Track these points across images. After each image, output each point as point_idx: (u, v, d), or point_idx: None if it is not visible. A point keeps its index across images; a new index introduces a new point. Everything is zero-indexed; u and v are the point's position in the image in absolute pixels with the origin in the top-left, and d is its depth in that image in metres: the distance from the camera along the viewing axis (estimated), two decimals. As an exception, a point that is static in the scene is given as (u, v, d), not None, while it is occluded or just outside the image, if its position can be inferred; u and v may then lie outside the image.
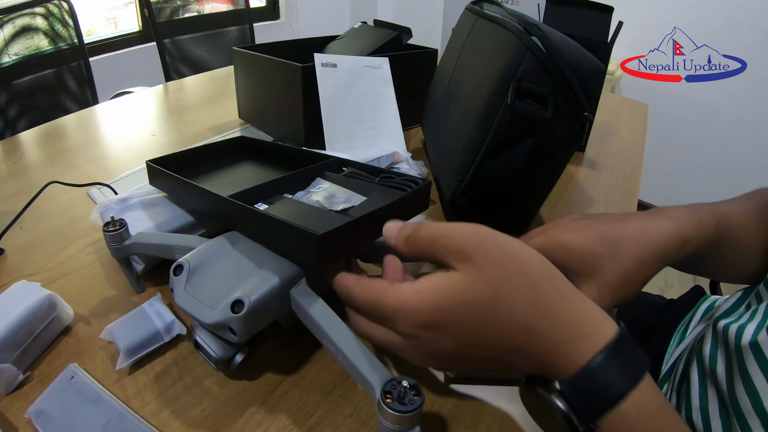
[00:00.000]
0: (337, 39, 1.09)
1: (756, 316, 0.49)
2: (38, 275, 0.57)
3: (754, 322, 0.47)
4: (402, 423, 0.32)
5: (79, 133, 1.02)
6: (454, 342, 0.34)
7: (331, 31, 1.18)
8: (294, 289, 0.42)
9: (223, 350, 0.40)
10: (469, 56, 0.72)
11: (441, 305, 0.33)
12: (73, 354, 0.47)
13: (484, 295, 0.33)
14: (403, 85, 0.89)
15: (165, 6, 1.84)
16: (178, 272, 0.42)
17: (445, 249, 0.35)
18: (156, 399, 0.43)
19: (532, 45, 0.56)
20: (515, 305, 0.33)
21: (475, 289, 0.33)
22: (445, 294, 0.33)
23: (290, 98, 0.83)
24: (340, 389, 0.45)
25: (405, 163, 0.71)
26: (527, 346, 0.33)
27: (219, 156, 0.70)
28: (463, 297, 0.33)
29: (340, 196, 0.53)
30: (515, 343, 0.33)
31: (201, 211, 0.58)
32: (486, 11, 0.72)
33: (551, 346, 0.32)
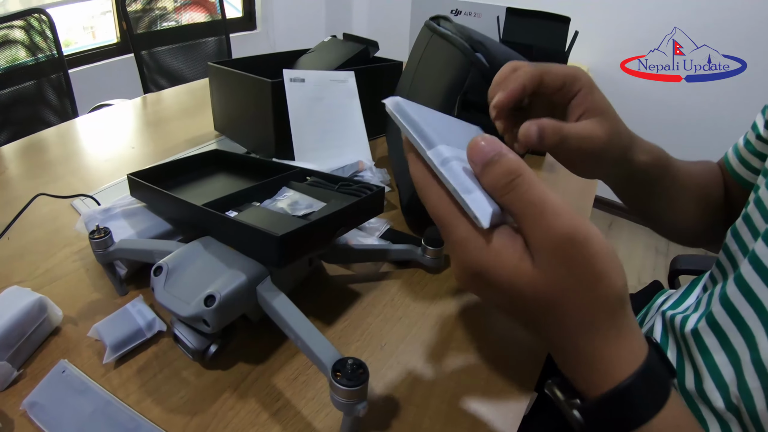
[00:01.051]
0: (308, 53, 1.15)
1: (699, 307, 0.55)
2: (27, 282, 0.61)
3: (698, 312, 0.54)
4: (350, 396, 0.38)
5: (60, 146, 1.06)
6: (501, 299, 0.34)
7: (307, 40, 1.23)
8: (260, 286, 0.47)
9: (199, 342, 0.46)
10: (423, 70, 0.78)
11: (504, 277, 0.32)
12: (63, 352, 0.51)
13: (549, 293, 0.31)
14: (370, 96, 0.94)
15: (143, 15, 1.87)
16: (158, 273, 0.48)
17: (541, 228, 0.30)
18: (139, 389, 0.48)
19: (476, 61, 0.62)
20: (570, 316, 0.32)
21: (544, 287, 0.31)
22: (514, 273, 0.31)
23: (261, 112, 0.88)
24: (303, 376, 0.50)
25: (368, 171, 0.77)
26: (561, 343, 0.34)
27: (195, 168, 0.75)
28: (531, 287, 0.31)
29: (302, 203, 0.59)
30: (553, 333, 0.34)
31: (178, 219, 0.63)
32: (440, 28, 0.78)
33: (586, 363, 0.33)
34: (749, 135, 0.62)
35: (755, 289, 0.44)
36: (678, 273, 1.03)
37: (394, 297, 0.61)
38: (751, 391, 0.41)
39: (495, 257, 0.31)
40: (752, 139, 0.62)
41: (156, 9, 1.92)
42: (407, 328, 0.57)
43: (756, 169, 0.61)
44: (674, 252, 2.66)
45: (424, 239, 0.63)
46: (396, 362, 0.52)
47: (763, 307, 0.42)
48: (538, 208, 0.30)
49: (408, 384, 0.50)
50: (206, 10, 2.10)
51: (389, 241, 0.69)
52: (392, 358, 0.52)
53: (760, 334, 0.42)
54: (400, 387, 0.49)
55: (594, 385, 0.32)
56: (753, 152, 0.61)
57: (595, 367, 0.32)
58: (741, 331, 0.45)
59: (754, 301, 0.43)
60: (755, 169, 0.61)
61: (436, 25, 0.81)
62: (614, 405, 0.32)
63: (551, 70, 0.46)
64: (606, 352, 0.32)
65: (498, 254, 0.31)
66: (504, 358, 0.53)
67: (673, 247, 2.73)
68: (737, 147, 0.64)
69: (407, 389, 0.49)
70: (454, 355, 0.54)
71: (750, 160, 0.62)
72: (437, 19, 0.86)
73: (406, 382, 0.50)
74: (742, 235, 0.52)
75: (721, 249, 0.56)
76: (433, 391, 0.49)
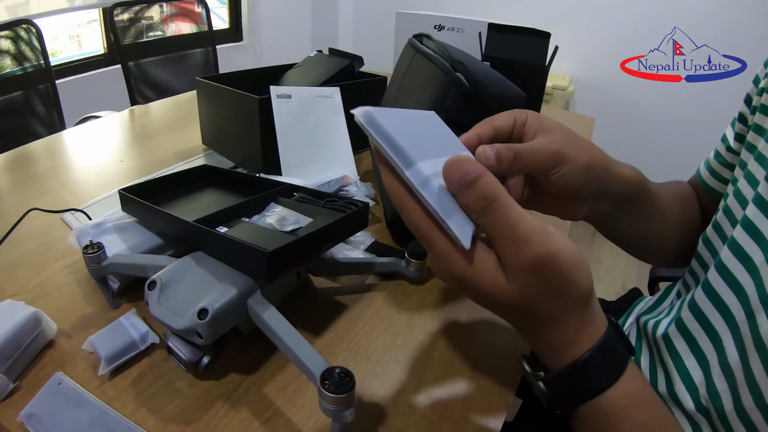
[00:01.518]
0: (294, 67, 1.17)
1: (671, 312, 0.57)
2: (20, 295, 0.61)
3: (669, 317, 0.56)
4: (338, 403, 0.40)
5: (49, 159, 1.07)
6: (476, 299, 0.38)
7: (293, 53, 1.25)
8: (250, 299, 0.49)
9: (192, 353, 0.48)
10: (407, 88, 0.81)
11: (481, 288, 0.35)
12: (57, 364, 0.53)
13: (520, 307, 0.36)
14: (355, 111, 0.97)
15: (130, 26, 1.88)
16: (152, 287, 0.50)
17: (507, 243, 0.34)
18: (134, 400, 0.49)
19: (456, 81, 0.65)
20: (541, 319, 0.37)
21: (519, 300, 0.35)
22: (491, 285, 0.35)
23: (249, 127, 0.90)
24: (293, 386, 0.52)
25: (353, 186, 0.79)
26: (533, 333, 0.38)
27: (185, 183, 0.77)
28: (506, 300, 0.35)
29: (290, 219, 0.61)
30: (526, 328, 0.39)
31: (169, 234, 0.65)
32: (422, 47, 0.81)
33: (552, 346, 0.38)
34: (719, 147, 0.64)
35: (722, 294, 0.46)
36: (657, 280, 1.06)
37: (380, 308, 0.64)
38: (719, 393, 0.43)
39: (473, 271, 0.35)
40: (722, 151, 0.63)
41: (143, 19, 1.93)
42: (392, 337, 0.59)
43: (726, 180, 0.62)
44: (654, 258, 2.72)
45: (408, 252, 0.65)
46: (382, 371, 0.54)
47: (729, 312, 0.44)
48: (511, 232, 0.33)
49: (394, 391, 0.52)
50: (193, 20, 2.11)
51: (374, 253, 0.71)
52: (378, 367, 0.55)
53: (727, 338, 0.44)
54: (386, 394, 0.52)
55: (558, 360, 0.37)
56: (723, 164, 0.63)
57: (560, 348, 0.37)
58: (709, 336, 0.47)
59: (721, 306, 0.45)
60: (725, 179, 0.62)
61: (419, 43, 0.84)
62: (573, 375, 0.37)
63: (497, 116, 0.48)
64: (571, 335, 0.37)
65: (476, 269, 0.35)
66: (485, 365, 0.56)
67: (653, 254, 2.77)
68: (708, 161, 0.66)
69: (393, 396, 0.51)
70: (438, 364, 0.56)
71: (721, 172, 0.63)
72: (420, 37, 0.89)
73: (391, 389, 0.52)
74: (713, 242, 0.54)
75: (694, 256, 0.58)
76: (418, 398, 0.52)
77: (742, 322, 0.43)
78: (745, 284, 0.43)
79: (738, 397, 0.41)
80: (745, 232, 0.45)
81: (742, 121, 0.60)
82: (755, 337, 0.41)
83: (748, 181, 0.50)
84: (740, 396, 0.41)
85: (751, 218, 0.45)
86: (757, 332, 0.40)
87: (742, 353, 0.42)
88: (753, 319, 0.41)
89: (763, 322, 0.40)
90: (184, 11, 2.07)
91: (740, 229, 0.46)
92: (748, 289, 0.43)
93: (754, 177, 0.49)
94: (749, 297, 0.42)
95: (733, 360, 0.43)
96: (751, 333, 0.41)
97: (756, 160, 0.50)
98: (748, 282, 0.43)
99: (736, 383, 0.42)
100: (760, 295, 0.41)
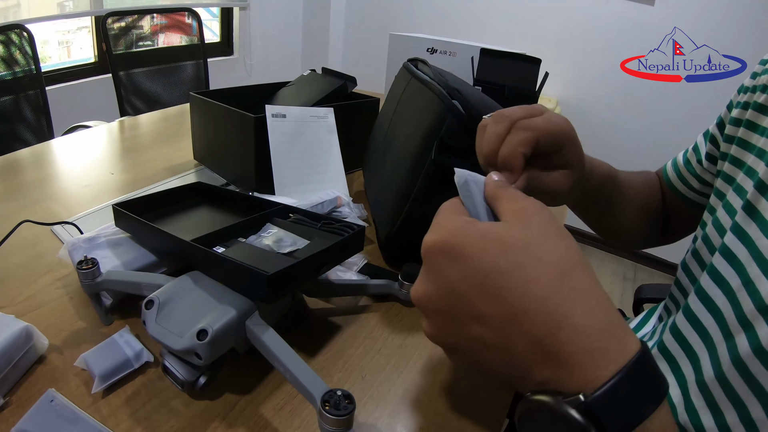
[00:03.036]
0: (287, 86, 1.18)
1: (654, 336, 0.60)
2: (8, 308, 0.61)
3: (652, 341, 0.58)
4: (339, 425, 0.41)
5: (38, 168, 1.06)
6: (461, 276, 0.33)
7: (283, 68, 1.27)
8: (249, 320, 0.50)
9: (189, 373, 0.48)
10: (402, 112, 0.82)
11: (472, 236, 0.33)
12: (49, 381, 0.52)
13: (519, 240, 0.32)
14: (348, 131, 0.98)
15: (121, 35, 1.88)
16: (149, 306, 0.50)
17: (508, 203, 0.37)
18: (129, 418, 0.49)
19: (452, 108, 0.67)
20: (546, 264, 0.31)
21: (512, 234, 0.33)
22: (481, 228, 0.34)
23: (243, 145, 0.91)
24: (289, 406, 0.52)
25: (346, 207, 0.80)
26: (543, 321, 0.30)
27: (179, 199, 0.77)
28: (497, 234, 0.33)
29: (286, 240, 0.62)
30: (529, 313, 0.30)
31: (164, 252, 0.65)
32: (418, 72, 0.83)
33: (572, 335, 0.29)
34: (689, 155, 0.70)
35: (700, 317, 0.48)
36: (642, 301, 1.09)
37: (373, 330, 0.64)
38: (697, 410, 0.46)
39: (476, 222, 0.36)
40: (692, 160, 0.69)
41: (135, 29, 1.93)
42: (386, 359, 0.60)
43: (693, 188, 0.69)
44: (641, 278, 2.77)
45: (402, 275, 0.66)
46: (377, 392, 0.55)
47: (707, 333, 0.47)
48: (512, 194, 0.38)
49: (389, 412, 0.53)
50: (184, 32, 2.12)
51: (367, 275, 0.72)
52: (373, 389, 0.55)
53: (704, 357, 0.46)
54: (382, 416, 0.52)
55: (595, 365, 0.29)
56: (693, 173, 0.69)
57: (590, 333, 0.29)
58: (688, 356, 0.49)
59: (700, 328, 0.48)
60: (692, 187, 0.69)
61: (414, 68, 0.86)
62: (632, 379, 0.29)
63: (545, 131, 0.46)
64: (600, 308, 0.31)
65: (473, 223, 0.35)
66: (478, 385, 0.57)
67: (639, 274, 2.83)
68: (677, 163, 0.73)
69: (388, 417, 0.52)
70: (431, 384, 0.57)
71: (689, 179, 0.70)
72: (415, 62, 0.91)
73: (386, 410, 0.53)
74: (691, 268, 0.57)
75: (673, 282, 0.61)
76: (413, 418, 0.52)
77: (720, 343, 0.45)
78: (722, 306, 0.46)
79: (720, 413, 0.43)
80: (723, 258, 0.48)
81: (713, 141, 0.65)
82: (733, 356, 0.43)
83: (726, 210, 0.53)
84: (723, 412, 0.43)
85: (728, 245, 0.48)
86: (736, 351, 0.42)
87: (717, 371, 0.44)
88: (731, 339, 0.44)
89: (742, 342, 0.42)
90: (175, 23, 2.08)
91: (718, 256, 0.49)
92: (725, 311, 0.45)
93: (732, 206, 0.52)
94: (726, 319, 0.45)
95: (708, 378, 0.45)
96: (729, 352, 0.43)
97: (734, 191, 0.52)
98: (725, 304, 0.46)
99: (714, 400, 0.44)
100: (737, 317, 0.44)
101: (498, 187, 0.39)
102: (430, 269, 0.35)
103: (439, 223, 0.36)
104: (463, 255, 0.33)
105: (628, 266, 2.89)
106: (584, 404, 0.27)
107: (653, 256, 2.86)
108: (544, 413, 0.30)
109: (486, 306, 0.32)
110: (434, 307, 0.35)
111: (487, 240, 0.33)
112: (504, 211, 0.37)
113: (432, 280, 0.35)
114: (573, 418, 0.27)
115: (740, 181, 0.52)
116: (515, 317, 0.31)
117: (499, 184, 0.40)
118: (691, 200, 0.70)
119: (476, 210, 0.40)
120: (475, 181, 0.41)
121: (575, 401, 0.28)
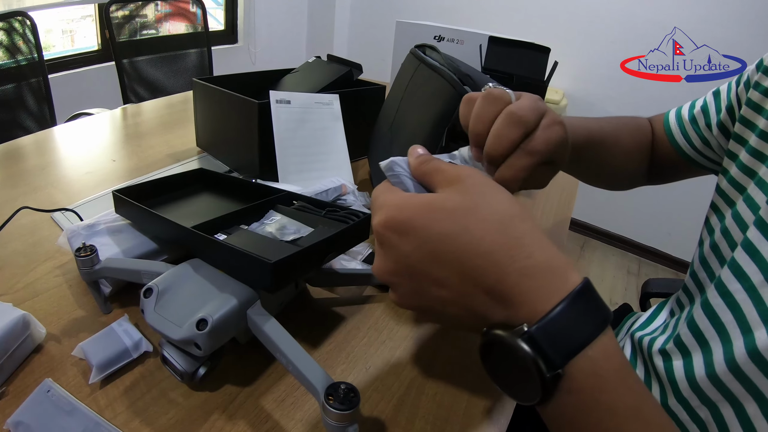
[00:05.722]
0: (292, 72, 1.16)
1: (667, 330, 0.59)
2: (6, 296, 0.60)
3: (665, 335, 0.58)
4: (343, 419, 0.39)
5: (39, 155, 1.05)
6: (414, 248, 0.36)
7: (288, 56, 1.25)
8: (250, 310, 0.48)
9: (188, 364, 0.47)
10: (410, 99, 0.80)
11: (417, 208, 0.36)
12: (46, 370, 0.51)
13: (460, 205, 0.35)
14: (353, 119, 0.96)
15: (124, 23, 1.86)
16: (148, 295, 0.48)
17: (441, 175, 0.39)
18: (127, 410, 0.48)
19: (464, 94, 0.65)
20: (489, 222, 0.34)
21: (453, 200, 0.36)
22: (424, 201, 0.36)
23: (246, 132, 0.89)
24: (291, 398, 0.51)
25: (351, 195, 0.78)
26: (492, 271, 0.34)
27: (180, 186, 0.76)
28: (441, 204, 0.36)
29: (290, 228, 0.60)
30: (479, 268, 0.34)
31: (165, 239, 0.64)
32: (427, 57, 0.80)
33: (517, 277, 0.33)
34: (697, 114, 0.70)
35: (719, 312, 0.48)
36: (649, 296, 1.07)
37: (378, 320, 0.63)
38: (714, 402, 0.46)
39: (416, 195, 0.38)
40: (700, 121, 0.69)
41: (138, 17, 1.91)
42: (391, 351, 0.58)
43: (694, 146, 0.70)
44: (645, 272, 2.75)
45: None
46: (381, 384, 0.54)
47: (724, 329, 0.46)
48: (442, 166, 0.40)
49: (393, 406, 0.51)
50: (188, 20, 2.10)
51: (372, 264, 0.70)
52: (377, 381, 0.54)
53: (718, 351, 0.46)
54: (386, 409, 0.51)
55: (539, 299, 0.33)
56: (698, 133, 0.69)
57: (532, 273, 0.33)
58: (702, 350, 0.49)
59: (717, 323, 0.47)
60: (694, 145, 0.70)
61: (423, 54, 0.84)
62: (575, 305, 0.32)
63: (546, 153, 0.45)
64: (539, 251, 0.34)
65: (415, 196, 0.38)
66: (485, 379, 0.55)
67: (644, 269, 2.81)
68: (681, 117, 0.73)
69: (392, 411, 0.51)
70: (437, 377, 0.55)
71: (692, 137, 0.70)
72: (423, 48, 0.89)
73: (391, 403, 0.52)
74: (710, 263, 0.56)
75: (689, 275, 0.60)
76: (417, 412, 0.51)
77: (737, 337, 0.44)
78: (742, 302, 0.45)
79: (740, 405, 0.43)
80: (745, 253, 0.47)
81: (730, 111, 0.64)
82: (750, 350, 0.42)
83: (747, 204, 0.52)
84: (742, 404, 0.43)
85: (751, 240, 0.47)
86: (754, 345, 0.42)
87: (731, 364, 0.44)
88: (750, 334, 0.43)
89: (761, 336, 0.42)
90: (179, 10, 2.06)
91: (740, 250, 0.48)
92: (744, 307, 0.45)
93: (754, 201, 0.51)
94: (746, 314, 0.44)
95: (720, 370, 0.45)
96: (746, 346, 0.43)
97: (756, 185, 0.51)
98: (745, 300, 0.45)
99: (732, 394, 0.44)
100: (759, 312, 0.43)
101: (423, 162, 0.41)
102: (384, 247, 0.38)
103: (382, 204, 0.38)
104: (413, 228, 0.36)
105: (633, 260, 2.87)
106: (527, 333, 0.31)
107: (658, 250, 2.84)
108: (497, 346, 0.34)
109: (441, 270, 0.35)
110: (396, 279, 0.38)
111: (432, 210, 0.36)
112: (439, 182, 0.39)
113: (388, 256, 0.37)
114: (519, 346, 0.31)
115: (763, 175, 0.51)
116: (468, 274, 0.34)
117: (423, 159, 0.41)
118: (688, 155, 0.71)
119: (407, 187, 0.41)
120: (397, 162, 0.42)
121: (519, 331, 0.32)
